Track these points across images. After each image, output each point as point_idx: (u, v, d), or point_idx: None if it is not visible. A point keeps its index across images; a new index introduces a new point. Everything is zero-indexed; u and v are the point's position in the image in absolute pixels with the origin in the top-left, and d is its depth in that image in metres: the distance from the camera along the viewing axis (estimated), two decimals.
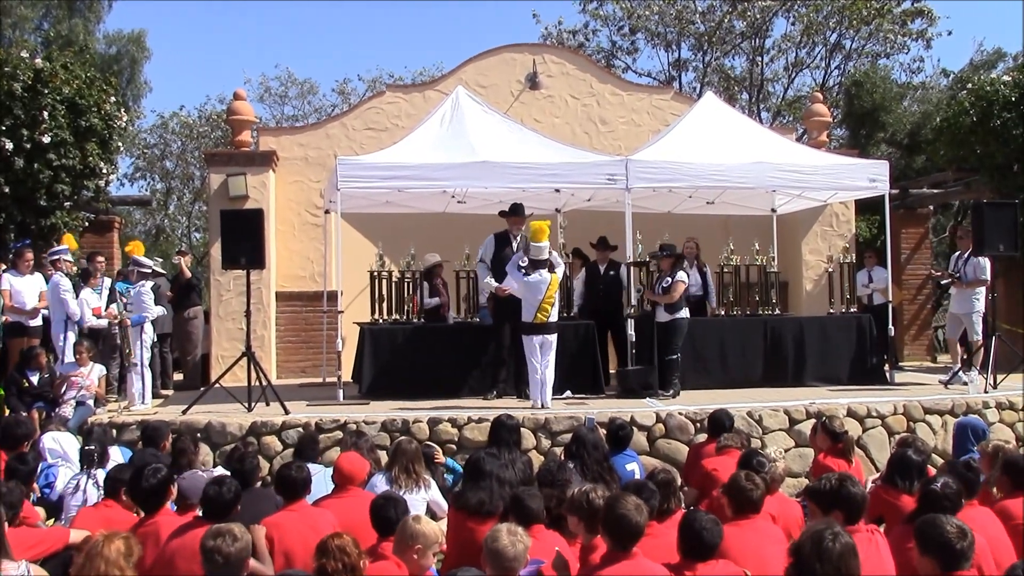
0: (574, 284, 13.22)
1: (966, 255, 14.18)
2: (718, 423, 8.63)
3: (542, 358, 10.68)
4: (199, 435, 9.94)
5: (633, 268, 12.39)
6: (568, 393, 11.63)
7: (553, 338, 10.78)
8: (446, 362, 12.01)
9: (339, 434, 9.89)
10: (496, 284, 11.05)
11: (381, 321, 12.37)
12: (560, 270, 11.00)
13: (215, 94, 43.23)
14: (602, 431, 8.81)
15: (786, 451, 9.63)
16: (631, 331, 11.82)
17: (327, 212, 14.12)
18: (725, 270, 13.17)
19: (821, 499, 5.36)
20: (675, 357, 11.65)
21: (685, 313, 11.76)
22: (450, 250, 13.50)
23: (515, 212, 11.84)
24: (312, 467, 7.27)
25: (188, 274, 14.56)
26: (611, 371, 12.89)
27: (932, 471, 6.94)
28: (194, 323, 14.77)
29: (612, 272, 13.45)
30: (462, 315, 12.85)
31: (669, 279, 11.60)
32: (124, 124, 15.38)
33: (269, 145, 15.95)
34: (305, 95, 34.95)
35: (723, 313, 13.21)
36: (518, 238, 11.71)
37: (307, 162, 16.07)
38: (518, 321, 10.89)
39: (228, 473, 6.79)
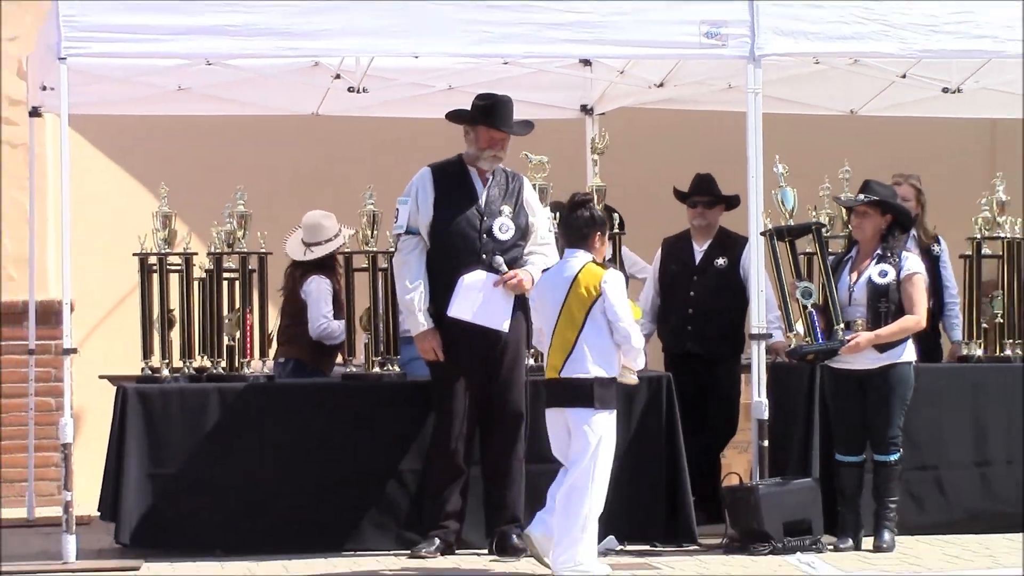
0: (641, 295, 8.61)
1: None
2: None
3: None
4: None
5: (776, 244, 7.49)
6: (611, 542, 7.35)
7: (582, 418, 6.59)
8: (320, 471, 7.68)
9: None
10: (422, 307, 6.95)
11: (166, 374, 7.95)
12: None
13: None
14: None
15: None
16: (758, 394, 7.43)
17: (35, 115, 9.86)
18: (985, 250, 8.11)
19: None
20: (893, 459, 7.12)
21: (911, 352, 7.22)
22: (334, 201, 9.07)
23: (492, 115, 7.06)
24: None
25: None
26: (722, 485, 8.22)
27: None
28: None
29: (721, 259, 8.38)
30: (359, 360, 8.24)
31: (889, 269, 6.97)
32: None
33: None
34: None
35: (980, 352, 8.09)
36: (492, 178, 7.18)
37: None
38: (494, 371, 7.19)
39: None
